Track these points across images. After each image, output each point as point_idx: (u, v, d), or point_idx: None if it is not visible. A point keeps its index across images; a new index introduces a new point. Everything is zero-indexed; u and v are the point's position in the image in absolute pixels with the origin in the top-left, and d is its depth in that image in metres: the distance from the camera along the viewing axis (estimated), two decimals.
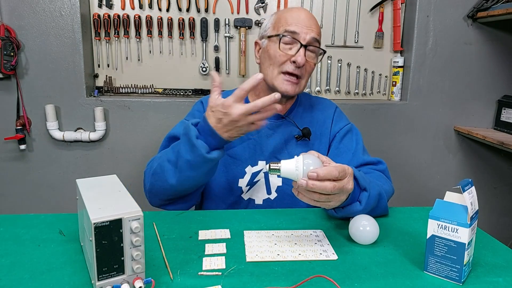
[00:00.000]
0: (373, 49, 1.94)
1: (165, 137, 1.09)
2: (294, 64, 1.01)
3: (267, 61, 1.06)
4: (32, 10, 1.63)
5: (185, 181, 0.90)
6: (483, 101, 1.95)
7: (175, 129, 1.08)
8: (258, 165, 1.09)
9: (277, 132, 1.10)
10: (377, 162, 1.09)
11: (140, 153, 1.77)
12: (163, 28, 1.78)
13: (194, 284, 0.63)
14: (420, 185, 1.99)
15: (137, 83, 1.83)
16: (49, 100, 1.69)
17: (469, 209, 0.64)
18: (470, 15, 1.83)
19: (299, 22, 1.02)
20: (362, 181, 0.84)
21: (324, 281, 0.64)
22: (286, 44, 1.03)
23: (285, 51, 1.02)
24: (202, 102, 1.16)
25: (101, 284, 0.58)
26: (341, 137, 1.12)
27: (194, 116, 1.12)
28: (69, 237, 0.78)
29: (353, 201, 0.84)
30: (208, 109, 0.85)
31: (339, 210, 0.85)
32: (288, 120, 1.10)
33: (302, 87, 1.07)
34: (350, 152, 1.09)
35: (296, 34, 1.02)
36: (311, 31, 1.02)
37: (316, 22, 1.06)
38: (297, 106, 1.14)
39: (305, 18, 1.03)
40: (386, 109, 1.88)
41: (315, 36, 1.03)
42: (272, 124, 1.09)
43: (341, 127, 1.13)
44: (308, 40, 1.02)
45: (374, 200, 0.86)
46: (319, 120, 1.14)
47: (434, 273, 0.68)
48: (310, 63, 1.05)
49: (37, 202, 1.78)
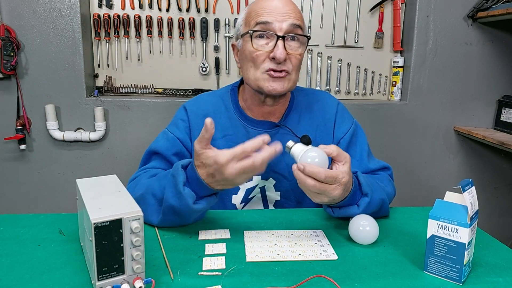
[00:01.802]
0: (373, 49, 1.94)
1: (146, 151, 1.00)
2: (274, 61, 0.88)
3: (246, 63, 0.93)
4: (32, 10, 1.63)
5: (167, 223, 0.82)
6: (483, 101, 1.95)
7: (156, 142, 1.00)
8: (253, 180, 1.00)
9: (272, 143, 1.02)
10: (383, 168, 1.03)
11: (140, 153, 1.74)
12: (163, 28, 1.78)
13: (194, 284, 0.63)
14: (420, 185, 1.99)
15: (137, 83, 1.83)
16: (49, 100, 1.69)
17: (469, 209, 0.64)
18: (470, 15, 1.83)
19: (272, 10, 0.89)
20: (365, 188, 0.83)
21: (324, 281, 0.64)
22: (261, 39, 0.90)
23: (261, 48, 0.89)
24: (185, 109, 1.03)
25: (101, 284, 0.58)
26: (346, 144, 1.02)
27: (177, 126, 1.02)
28: (69, 237, 0.78)
29: (351, 203, 0.83)
30: (196, 158, 0.75)
31: (336, 210, 0.84)
32: (283, 128, 0.99)
33: (292, 82, 0.93)
34: (355, 160, 1.01)
35: (270, 25, 0.88)
36: (288, 17, 0.88)
37: (293, 7, 0.91)
38: (292, 109, 1.02)
39: (279, 5, 0.89)
40: (386, 109, 1.88)
41: (294, 22, 0.89)
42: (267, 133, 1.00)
43: (344, 132, 1.03)
44: (285, 29, 0.88)
45: (375, 205, 0.85)
46: (320, 123, 1.03)
47: (434, 273, 0.68)
48: (294, 54, 0.91)
49: (37, 202, 1.78)
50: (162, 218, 0.81)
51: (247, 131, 1.00)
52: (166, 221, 0.81)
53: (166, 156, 0.98)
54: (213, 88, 1.87)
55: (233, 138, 1.00)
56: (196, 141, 0.74)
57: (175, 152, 0.99)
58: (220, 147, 1.00)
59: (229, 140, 1.00)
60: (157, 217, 0.81)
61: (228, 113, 1.02)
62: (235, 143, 0.99)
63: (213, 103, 1.04)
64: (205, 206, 0.78)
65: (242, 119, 1.01)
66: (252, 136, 0.99)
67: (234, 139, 0.99)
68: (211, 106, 1.03)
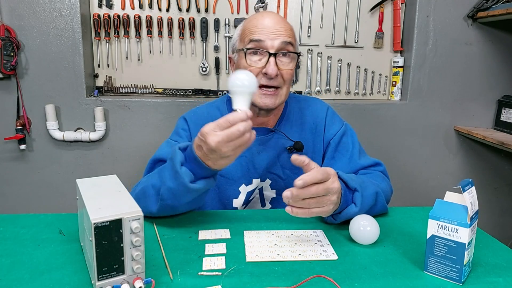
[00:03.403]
0: (373, 49, 1.94)
1: (150, 159, 1.02)
2: (266, 76, 0.94)
3: None
4: (32, 10, 1.63)
5: (165, 210, 0.84)
6: (483, 101, 1.95)
7: (160, 150, 1.02)
8: (253, 183, 1.05)
9: (268, 147, 1.04)
10: (374, 164, 1.06)
11: (140, 153, 1.77)
12: (163, 28, 1.78)
13: (194, 284, 0.63)
14: (420, 185, 1.99)
15: (137, 83, 1.83)
16: (49, 100, 1.69)
17: (469, 209, 0.64)
18: (470, 15, 1.83)
19: (264, 29, 0.94)
20: (350, 182, 0.84)
21: (324, 281, 0.64)
22: (254, 56, 0.95)
23: (254, 64, 0.95)
24: (185, 119, 1.08)
25: (101, 284, 0.58)
26: (335, 144, 1.08)
27: (179, 135, 1.06)
28: (69, 237, 0.78)
29: (347, 204, 0.84)
30: (197, 134, 0.77)
31: (336, 216, 0.85)
32: (278, 132, 1.05)
33: (283, 96, 0.99)
34: (345, 158, 1.06)
35: (262, 42, 0.94)
36: (279, 35, 0.94)
37: (284, 25, 0.97)
38: (286, 115, 1.08)
39: (270, 24, 0.95)
40: (386, 109, 1.88)
41: (285, 40, 0.94)
42: (262, 139, 1.04)
43: (334, 133, 1.08)
44: (277, 47, 0.94)
45: (370, 199, 0.86)
46: (311, 127, 1.08)
47: (434, 273, 0.68)
48: (285, 70, 0.96)
49: (37, 202, 1.78)
50: (160, 205, 0.82)
51: None
52: (164, 207, 0.82)
53: None
54: (213, 88, 1.87)
55: None
56: (208, 124, 0.73)
57: None
58: None
59: None
60: (155, 205, 0.83)
61: None
62: None
63: (210, 114, 1.08)
64: (202, 186, 0.78)
65: None
66: None
67: None
68: (209, 117, 1.06)
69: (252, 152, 1.04)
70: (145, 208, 0.83)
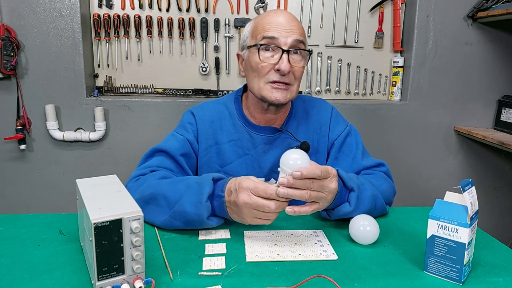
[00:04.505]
0: (373, 49, 1.94)
1: (151, 148, 1.03)
2: (279, 73, 0.95)
3: (251, 73, 1.00)
4: (32, 10, 1.63)
5: (169, 226, 0.82)
6: (483, 101, 1.95)
7: (166, 142, 1.03)
8: None
9: (274, 146, 1.05)
10: (377, 165, 1.06)
11: (140, 153, 1.74)
12: (163, 28, 1.78)
13: (194, 284, 0.63)
14: (420, 185, 1.99)
15: (137, 83, 1.83)
16: (49, 100, 1.69)
17: (469, 209, 0.64)
18: (470, 15, 1.83)
19: (278, 26, 0.95)
20: (348, 182, 0.84)
21: (324, 281, 0.64)
22: (267, 52, 0.96)
23: (267, 60, 0.96)
24: (192, 113, 1.08)
25: (101, 284, 0.58)
26: (339, 145, 1.08)
27: (186, 129, 1.06)
28: (69, 237, 0.78)
29: (342, 202, 0.84)
30: (236, 182, 0.78)
31: (330, 213, 0.86)
32: (285, 132, 1.06)
33: (294, 93, 1.00)
34: (349, 159, 1.06)
35: (276, 40, 0.95)
36: (292, 33, 0.95)
37: (297, 23, 0.98)
38: (292, 115, 1.09)
39: (284, 21, 0.96)
40: (386, 109, 1.88)
41: (298, 38, 0.96)
42: (269, 138, 1.05)
43: (338, 134, 1.09)
44: (290, 44, 0.95)
45: (366, 201, 0.86)
46: (316, 127, 1.09)
47: (434, 273, 0.68)
48: (297, 67, 0.97)
49: (37, 202, 1.78)
50: (167, 220, 0.81)
51: (251, 136, 1.06)
52: (170, 224, 0.82)
53: (174, 156, 1.01)
54: (213, 88, 1.87)
55: (238, 143, 1.06)
56: (251, 180, 0.76)
57: (183, 153, 1.03)
58: (226, 151, 1.06)
59: (234, 145, 1.06)
60: (161, 218, 0.82)
61: (233, 119, 1.07)
62: (240, 148, 1.06)
63: (217, 110, 1.09)
64: (214, 223, 0.81)
65: (246, 125, 1.07)
66: (255, 141, 1.05)
67: (239, 144, 1.06)
68: (216, 113, 1.08)
69: (258, 151, 1.05)
70: (150, 215, 0.83)
